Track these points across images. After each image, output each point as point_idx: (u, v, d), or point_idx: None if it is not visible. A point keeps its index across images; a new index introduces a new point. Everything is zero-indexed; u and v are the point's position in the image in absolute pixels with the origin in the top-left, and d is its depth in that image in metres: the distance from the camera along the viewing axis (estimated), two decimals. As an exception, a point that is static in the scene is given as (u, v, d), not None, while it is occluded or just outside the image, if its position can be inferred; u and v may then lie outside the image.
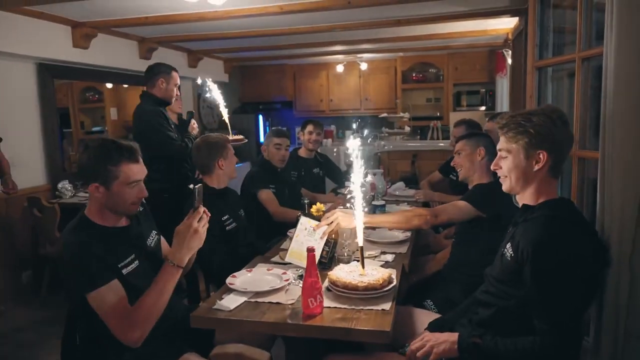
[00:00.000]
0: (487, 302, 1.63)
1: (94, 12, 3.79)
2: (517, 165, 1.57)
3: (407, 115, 6.17)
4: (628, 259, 1.62)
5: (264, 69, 7.57)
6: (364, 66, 6.92)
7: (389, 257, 2.20)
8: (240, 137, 3.26)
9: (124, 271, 1.67)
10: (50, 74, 4.17)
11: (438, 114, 6.92)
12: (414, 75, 7.08)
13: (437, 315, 2.07)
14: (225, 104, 3.23)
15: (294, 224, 3.30)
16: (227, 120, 3.31)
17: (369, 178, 3.69)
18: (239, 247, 2.63)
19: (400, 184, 3.90)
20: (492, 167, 1.70)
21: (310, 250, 1.65)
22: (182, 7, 3.61)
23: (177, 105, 4.44)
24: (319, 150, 4.21)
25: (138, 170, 1.70)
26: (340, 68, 7.03)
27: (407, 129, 5.99)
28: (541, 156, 1.51)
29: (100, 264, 1.60)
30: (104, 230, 1.69)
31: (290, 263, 2.09)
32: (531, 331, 1.46)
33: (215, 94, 3.20)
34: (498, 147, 1.65)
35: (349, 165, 5.49)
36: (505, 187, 1.65)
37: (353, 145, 1.87)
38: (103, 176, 1.64)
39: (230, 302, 1.73)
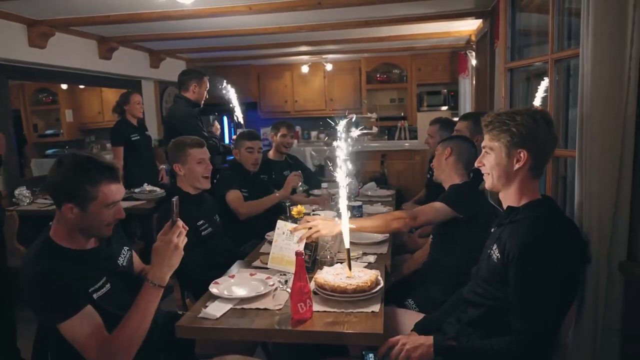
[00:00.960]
0: (475, 302, 1.64)
1: (52, 10, 3.61)
2: (499, 163, 1.59)
3: (374, 115, 6.22)
4: (606, 255, 1.68)
5: (227, 69, 7.44)
6: (329, 67, 6.93)
7: (371, 258, 2.21)
8: None
9: (95, 296, 1.57)
10: (4, 74, 3.95)
11: (402, 114, 7.02)
12: (378, 75, 7.15)
13: (420, 315, 2.09)
14: (239, 106, 3.76)
15: (269, 221, 3.27)
16: (242, 121, 3.72)
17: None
18: (215, 253, 2.57)
19: (372, 184, 3.92)
20: (476, 164, 1.72)
21: (299, 254, 1.62)
22: (148, 5, 3.50)
23: (138, 110, 4.35)
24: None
25: (117, 190, 1.59)
26: (305, 69, 7.01)
27: (375, 129, 6.04)
28: (522, 155, 1.53)
29: (69, 292, 1.48)
30: (72, 254, 1.57)
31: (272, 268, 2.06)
32: None
33: (232, 96, 3.69)
34: (482, 144, 1.67)
35: (318, 167, 5.48)
36: (487, 185, 1.67)
37: (341, 146, 1.84)
38: (79, 197, 1.51)
39: (215, 309, 1.68)
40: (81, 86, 6.93)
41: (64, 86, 6.90)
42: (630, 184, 1.65)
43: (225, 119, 7.33)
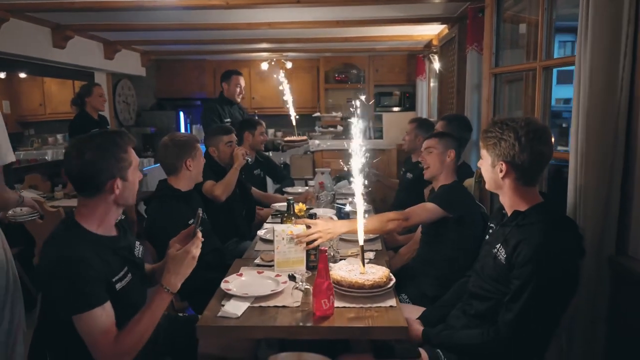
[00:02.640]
0: (482, 296, 1.70)
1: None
2: (487, 170, 1.68)
3: (339, 114, 6.30)
4: (597, 249, 1.82)
5: (182, 64, 7.24)
6: (289, 65, 6.92)
7: (371, 255, 2.25)
8: (304, 137, 3.88)
9: (118, 286, 1.53)
10: (-49, 60, 3.64)
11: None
12: (336, 75, 7.23)
13: (417, 307, 2.16)
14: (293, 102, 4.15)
15: (249, 218, 3.21)
16: (294, 121, 3.97)
17: (318, 177, 3.72)
18: (204, 252, 2.51)
19: (345, 182, 3.97)
20: (478, 164, 1.80)
21: (323, 252, 1.64)
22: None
23: (101, 103, 4.18)
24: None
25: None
26: (265, 66, 6.96)
27: (340, 128, 6.11)
28: (502, 166, 1.59)
29: (97, 282, 1.45)
30: (100, 241, 1.53)
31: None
32: None
33: (287, 93, 4.07)
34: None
35: (283, 164, 5.43)
36: (486, 186, 1.76)
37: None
38: (119, 168, 1.53)
39: (234, 308, 1.66)
40: (22, 75, 6.49)
41: (2, 75, 6.43)
42: (619, 184, 1.80)
43: (181, 114, 7.14)
